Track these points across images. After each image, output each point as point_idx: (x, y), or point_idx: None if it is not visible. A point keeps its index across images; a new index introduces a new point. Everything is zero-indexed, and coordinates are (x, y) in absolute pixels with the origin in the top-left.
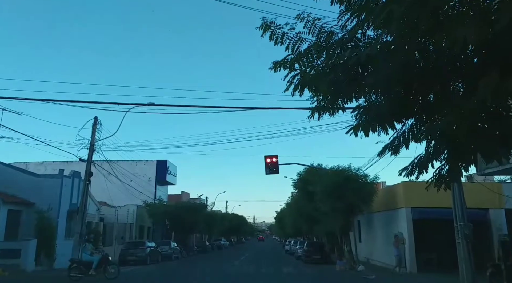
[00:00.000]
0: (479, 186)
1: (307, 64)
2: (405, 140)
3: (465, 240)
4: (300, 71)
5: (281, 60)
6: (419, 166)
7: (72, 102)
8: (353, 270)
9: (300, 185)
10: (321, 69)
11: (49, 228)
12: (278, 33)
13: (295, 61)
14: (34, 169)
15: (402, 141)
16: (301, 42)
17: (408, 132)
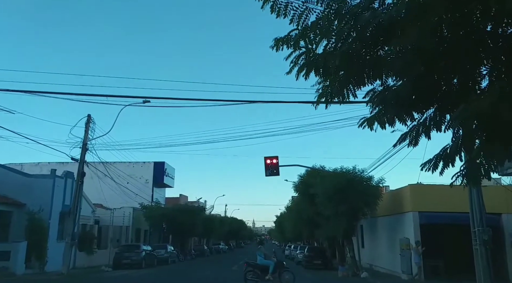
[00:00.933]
0: (491, 190)
1: (315, 40)
2: (426, 129)
3: (483, 247)
4: (306, 49)
5: (284, 37)
6: (445, 158)
7: (63, 94)
8: (356, 277)
9: (301, 187)
10: (332, 44)
11: (40, 230)
12: (281, 3)
13: (300, 38)
14: (29, 170)
15: (422, 130)
16: (308, 13)
17: (429, 120)
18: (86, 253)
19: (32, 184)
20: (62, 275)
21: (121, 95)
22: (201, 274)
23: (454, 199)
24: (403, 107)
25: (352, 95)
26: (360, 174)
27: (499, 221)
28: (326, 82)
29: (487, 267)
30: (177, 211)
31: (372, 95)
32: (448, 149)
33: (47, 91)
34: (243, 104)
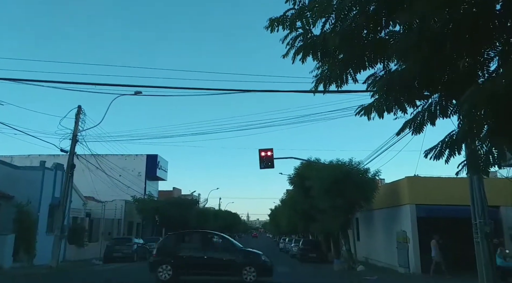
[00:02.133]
0: (489, 182)
1: (312, 18)
2: (431, 115)
3: (485, 240)
4: (304, 30)
5: (280, 17)
6: (451, 145)
7: (51, 82)
8: (352, 270)
9: (296, 180)
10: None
11: (28, 222)
12: None
13: (296, 18)
14: (20, 162)
15: (427, 117)
16: None
17: (435, 106)
18: (77, 246)
19: (21, 176)
20: (51, 268)
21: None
22: None
23: (452, 192)
24: (407, 93)
25: (352, 80)
26: (357, 166)
27: (497, 214)
28: (324, 66)
29: (489, 261)
30: (170, 204)
31: (373, 80)
32: (455, 135)
33: (34, 80)
34: (237, 93)
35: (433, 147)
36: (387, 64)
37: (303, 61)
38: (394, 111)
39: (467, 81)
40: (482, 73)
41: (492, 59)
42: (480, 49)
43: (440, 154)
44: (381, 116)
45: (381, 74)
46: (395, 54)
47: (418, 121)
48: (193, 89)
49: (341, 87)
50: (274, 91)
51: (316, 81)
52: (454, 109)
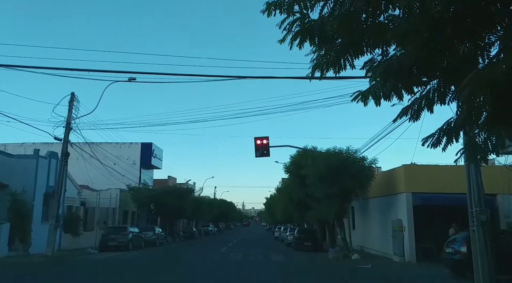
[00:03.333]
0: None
1: (310, 2)
2: (429, 102)
3: (481, 228)
4: (301, 15)
5: (277, 0)
6: (448, 133)
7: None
8: (347, 259)
9: (292, 168)
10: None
11: (23, 211)
12: None
13: (294, 2)
14: (13, 150)
15: (424, 103)
16: None
17: (433, 92)
18: (72, 235)
19: (15, 164)
20: (46, 257)
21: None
22: (189, 256)
23: (448, 180)
24: (405, 79)
25: (350, 66)
26: (353, 154)
27: (494, 202)
28: (321, 51)
29: (484, 249)
30: (165, 192)
31: (371, 65)
32: (453, 123)
33: (26, 66)
34: (232, 80)
35: (430, 135)
36: (385, 49)
37: (301, 47)
38: (391, 98)
39: (466, 67)
40: (482, 58)
41: (492, 44)
42: (481, 34)
43: (438, 142)
44: (378, 103)
45: (379, 60)
46: (394, 38)
47: (415, 108)
48: (188, 76)
49: (339, 73)
50: (270, 77)
51: (313, 67)
52: (453, 96)
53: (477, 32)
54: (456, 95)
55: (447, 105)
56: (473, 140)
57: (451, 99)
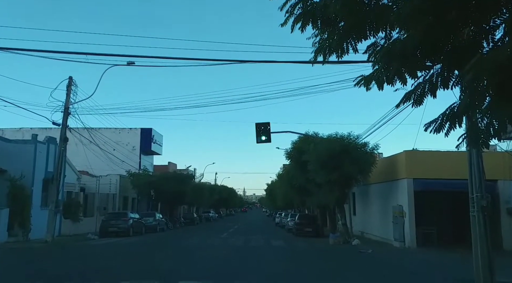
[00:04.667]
0: (487, 156)
1: None
2: (432, 86)
3: (481, 213)
4: None
5: None
6: (451, 118)
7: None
8: (347, 244)
9: (293, 154)
10: None
11: (22, 197)
12: None
13: None
14: (11, 135)
15: (428, 88)
16: None
17: (436, 76)
18: (72, 220)
19: (13, 149)
20: (46, 242)
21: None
22: (189, 242)
23: (450, 166)
24: (408, 63)
25: (353, 50)
26: (355, 140)
27: (494, 188)
28: (324, 34)
29: (484, 235)
30: (165, 178)
31: (374, 49)
32: (456, 108)
33: (23, 49)
34: (233, 64)
35: (433, 120)
36: (389, 32)
37: (303, 30)
38: (394, 83)
39: (471, 50)
40: (486, 42)
41: (498, 27)
42: (486, 17)
43: (441, 127)
44: (381, 87)
45: (382, 44)
46: (397, 21)
47: (418, 92)
48: (188, 60)
49: (341, 58)
50: (272, 62)
51: (315, 51)
52: (456, 81)
53: (481, 15)
54: (460, 80)
55: (450, 90)
56: (476, 125)
57: (455, 84)
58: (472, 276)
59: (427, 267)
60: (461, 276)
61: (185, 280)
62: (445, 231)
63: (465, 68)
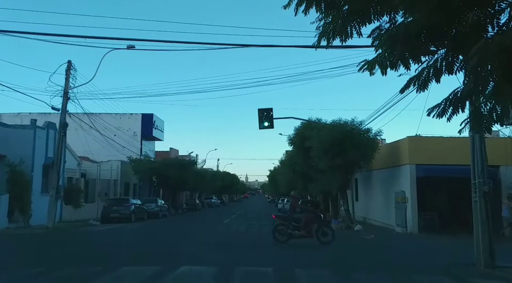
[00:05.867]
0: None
1: None
2: (437, 71)
3: (483, 199)
4: None
5: None
6: (455, 103)
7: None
8: (349, 230)
9: (296, 140)
10: None
11: (22, 183)
12: None
13: None
14: (9, 120)
15: (432, 73)
16: None
17: (440, 61)
18: (73, 206)
19: (11, 135)
20: (47, 228)
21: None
22: (192, 228)
23: (453, 152)
24: (413, 47)
25: (357, 34)
26: (358, 126)
27: (497, 174)
28: (328, 18)
29: (485, 220)
30: (167, 164)
31: (378, 33)
32: (459, 92)
33: (20, 31)
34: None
35: (436, 105)
36: (393, 16)
37: (306, 13)
38: (397, 68)
39: (476, 35)
40: (491, 26)
41: (503, 11)
42: (490, 1)
43: (444, 112)
44: (384, 72)
45: (386, 28)
46: (401, 5)
47: (423, 78)
48: (189, 43)
49: (345, 42)
50: (274, 46)
51: (319, 35)
52: (461, 65)
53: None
54: (464, 65)
55: (455, 75)
56: (479, 110)
57: (459, 69)
58: (473, 260)
59: (428, 252)
60: (462, 260)
61: (187, 265)
62: (447, 216)
63: (470, 53)
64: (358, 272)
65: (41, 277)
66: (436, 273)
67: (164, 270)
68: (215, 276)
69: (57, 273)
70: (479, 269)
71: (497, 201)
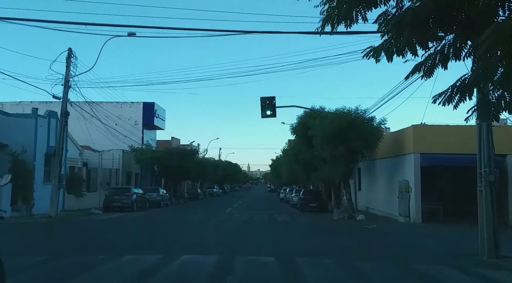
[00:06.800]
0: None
1: None
2: (444, 57)
3: (489, 188)
4: None
5: None
6: (462, 90)
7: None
8: (352, 219)
9: (299, 129)
10: None
11: (24, 172)
12: None
13: None
14: (10, 109)
15: (439, 59)
16: None
17: (448, 47)
18: (75, 195)
19: (13, 123)
20: (50, 217)
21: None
22: (194, 217)
23: (458, 140)
24: (420, 33)
25: (362, 19)
26: (362, 114)
27: (503, 163)
28: (332, 2)
29: (490, 210)
30: (169, 154)
31: (385, 18)
32: (467, 79)
33: (19, 18)
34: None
35: (442, 92)
36: (400, 0)
37: None
38: (404, 54)
39: (486, 19)
40: (502, 10)
41: None
42: None
43: (450, 99)
44: (390, 59)
45: (393, 13)
46: None
47: (429, 64)
48: (190, 30)
49: (350, 27)
50: (277, 32)
51: (323, 20)
52: (469, 51)
53: None
54: (472, 51)
55: (462, 61)
56: (486, 98)
57: (467, 55)
58: (476, 250)
59: (431, 241)
60: (466, 250)
61: (189, 254)
62: (451, 206)
63: (480, 38)
64: (360, 261)
65: (45, 265)
66: (440, 263)
67: (165, 259)
68: (216, 265)
69: (60, 261)
70: (483, 259)
71: (503, 191)
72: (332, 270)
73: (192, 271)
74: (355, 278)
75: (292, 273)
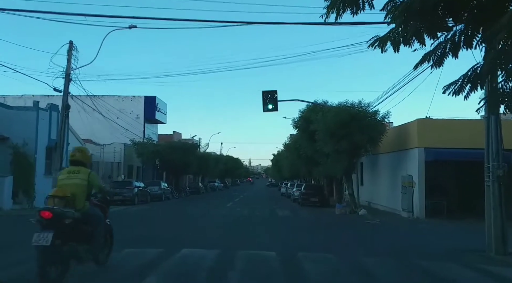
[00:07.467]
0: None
1: None
2: (455, 46)
3: (497, 183)
4: None
5: None
6: (473, 80)
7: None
8: (354, 214)
9: (301, 123)
10: None
11: (26, 165)
12: None
13: None
14: (13, 102)
15: (449, 48)
16: None
17: (459, 35)
18: None
19: (14, 116)
20: None
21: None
22: (195, 211)
23: (464, 135)
24: (428, 22)
25: (369, 6)
26: (365, 108)
27: (510, 158)
28: None
29: (498, 205)
30: (170, 148)
31: (392, 6)
32: (479, 68)
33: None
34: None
35: (452, 82)
36: None
37: None
38: (411, 44)
39: (499, 7)
40: None
41: None
42: None
43: (461, 89)
44: (397, 48)
45: (401, 0)
46: None
47: (439, 53)
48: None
49: (356, 15)
50: (280, 23)
51: (328, 7)
52: (481, 40)
53: None
54: (485, 39)
55: (474, 49)
56: (497, 89)
57: (479, 43)
58: (482, 247)
59: (436, 237)
60: (472, 246)
61: (189, 248)
62: (455, 201)
63: (495, 26)
64: (362, 256)
65: None
66: (445, 259)
67: (166, 253)
68: (217, 259)
69: None
70: (490, 255)
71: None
72: (333, 265)
73: (193, 265)
74: (357, 273)
75: (293, 267)
